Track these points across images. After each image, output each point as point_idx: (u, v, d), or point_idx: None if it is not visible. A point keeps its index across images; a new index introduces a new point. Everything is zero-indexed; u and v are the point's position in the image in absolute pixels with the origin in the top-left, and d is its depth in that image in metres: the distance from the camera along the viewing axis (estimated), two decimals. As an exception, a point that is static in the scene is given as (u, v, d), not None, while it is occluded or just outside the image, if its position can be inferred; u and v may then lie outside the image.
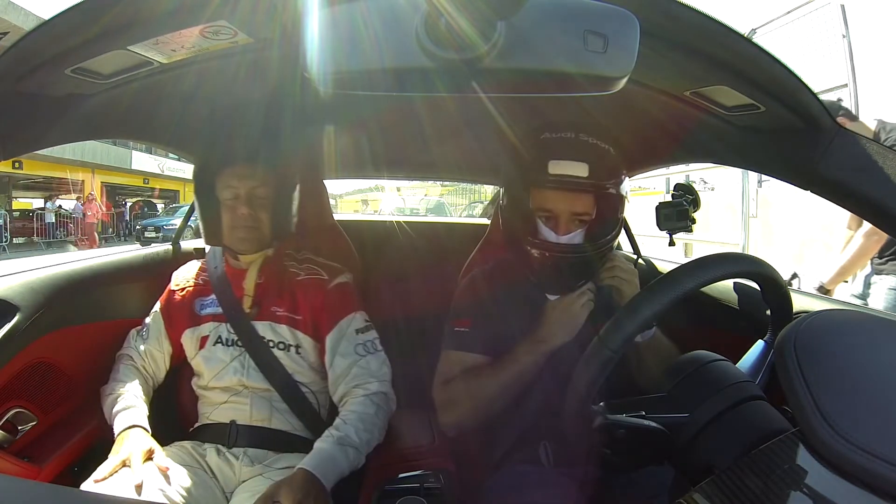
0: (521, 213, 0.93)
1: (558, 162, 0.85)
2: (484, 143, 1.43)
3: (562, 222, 0.89)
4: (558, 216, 0.89)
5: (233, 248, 1.04)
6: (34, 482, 0.74)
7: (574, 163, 0.85)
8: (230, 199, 1.00)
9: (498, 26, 0.41)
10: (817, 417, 0.44)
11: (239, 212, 0.99)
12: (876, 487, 0.40)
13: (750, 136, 0.74)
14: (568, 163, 0.85)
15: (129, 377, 1.02)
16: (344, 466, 0.86)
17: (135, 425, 0.92)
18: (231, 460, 0.96)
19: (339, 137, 1.44)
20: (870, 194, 0.60)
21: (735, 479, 0.48)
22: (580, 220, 0.90)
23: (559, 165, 0.85)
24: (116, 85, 0.68)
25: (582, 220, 0.90)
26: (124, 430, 0.90)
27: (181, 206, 16.55)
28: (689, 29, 0.56)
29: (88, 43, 0.57)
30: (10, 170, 13.42)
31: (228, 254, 1.08)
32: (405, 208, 9.94)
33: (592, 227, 0.91)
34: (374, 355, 1.03)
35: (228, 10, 0.56)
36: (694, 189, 1.17)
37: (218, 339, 1.03)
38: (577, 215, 0.89)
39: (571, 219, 0.90)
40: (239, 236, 1.01)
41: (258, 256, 1.06)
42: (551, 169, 0.85)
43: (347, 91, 0.45)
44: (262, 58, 0.73)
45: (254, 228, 1.01)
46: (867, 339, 0.52)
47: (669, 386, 0.63)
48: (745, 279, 0.71)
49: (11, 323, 0.82)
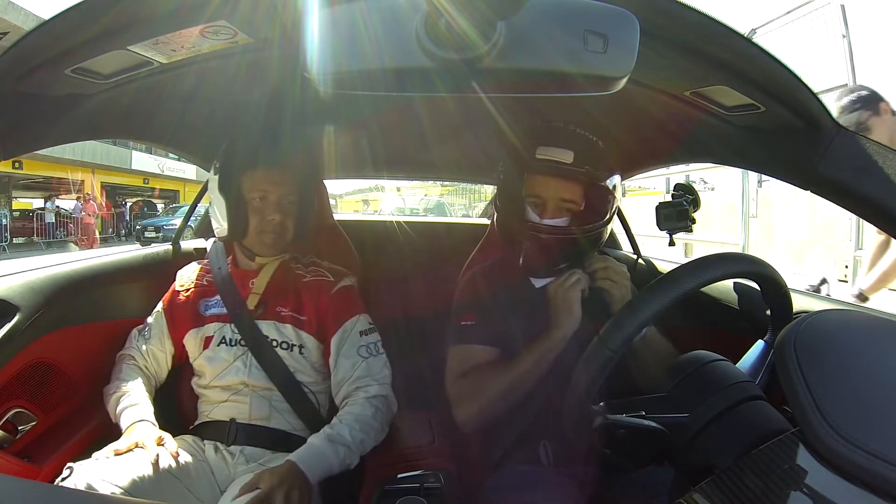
0: (513, 200, 0.97)
1: (546, 147, 0.90)
2: (484, 143, 1.43)
3: (549, 208, 0.93)
4: (546, 201, 0.93)
5: (254, 250, 1.04)
6: (34, 482, 0.74)
7: (560, 149, 0.90)
8: (259, 202, 1.01)
9: (498, 26, 0.41)
10: (817, 417, 0.44)
11: (269, 217, 1.00)
12: (876, 487, 0.40)
13: (750, 136, 0.74)
14: (555, 149, 0.90)
15: (131, 376, 1.02)
16: (333, 463, 0.87)
17: (143, 419, 0.92)
18: (227, 458, 0.97)
19: (339, 137, 1.44)
20: (870, 194, 0.60)
21: (735, 479, 0.48)
22: (567, 207, 0.94)
23: (547, 151, 0.90)
24: (116, 85, 0.68)
25: (569, 209, 0.94)
26: (132, 424, 0.91)
27: (181, 206, 16.55)
28: (689, 29, 0.56)
29: (88, 43, 0.57)
30: (10, 170, 13.41)
31: (242, 253, 1.08)
32: (405, 208, 9.95)
33: (579, 215, 0.95)
34: (376, 358, 1.04)
35: (228, 10, 0.56)
36: (694, 189, 1.17)
37: (222, 340, 1.03)
38: (565, 202, 0.93)
39: (559, 205, 0.93)
40: (266, 242, 1.02)
41: (275, 259, 1.07)
42: (539, 154, 0.90)
43: (347, 91, 0.45)
44: (262, 58, 0.73)
45: (280, 234, 1.02)
46: (867, 339, 0.52)
47: (669, 386, 0.63)
48: (745, 279, 0.71)
49: (11, 323, 0.82)
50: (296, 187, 1.03)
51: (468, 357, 0.98)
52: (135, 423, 0.91)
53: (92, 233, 13.82)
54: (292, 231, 1.04)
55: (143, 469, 0.81)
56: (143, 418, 0.92)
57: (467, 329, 0.99)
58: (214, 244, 1.16)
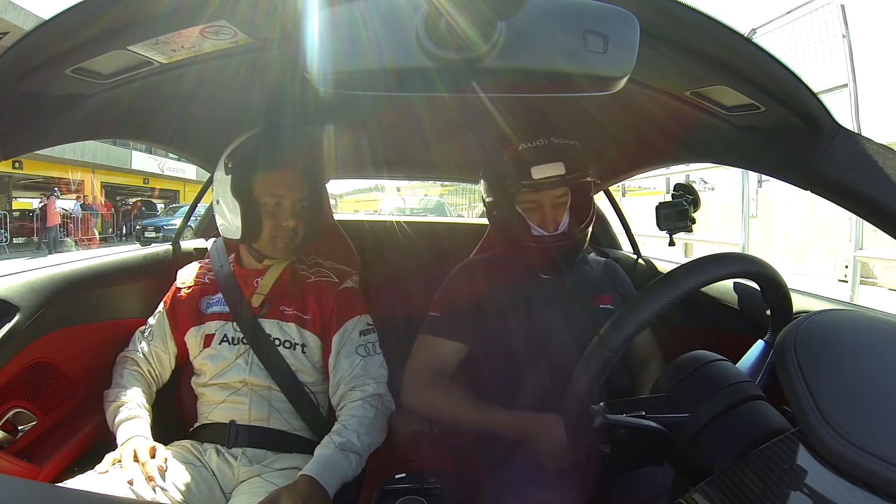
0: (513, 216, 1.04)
1: (540, 167, 0.98)
2: (484, 142, 1.43)
3: (547, 210, 1.01)
4: (543, 206, 1.02)
5: (265, 252, 1.04)
6: (34, 482, 0.74)
7: (553, 164, 0.98)
8: (273, 206, 1.00)
9: (498, 26, 0.41)
10: (817, 417, 0.44)
11: (284, 223, 1.00)
12: (876, 487, 0.40)
13: (750, 136, 0.74)
14: (547, 166, 0.98)
15: (132, 383, 1.01)
16: (347, 472, 0.86)
17: (137, 436, 0.91)
18: (230, 460, 0.96)
19: (339, 137, 1.44)
20: (870, 194, 0.60)
21: (735, 479, 0.48)
22: (560, 202, 1.02)
23: (541, 170, 0.98)
24: (116, 85, 0.68)
25: (562, 203, 1.02)
26: (126, 441, 0.90)
27: (181, 206, 16.55)
28: (689, 29, 0.56)
29: (88, 43, 0.57)
30: (10, 170, 13.43)
31: (249, 254, 1.08)
32: (405, 208, 9.97)
33: (573, 210, 1.03)
34: (374, 357, 1.04)
35: (228, 10, 0.56)
36: (694, 189, 1.17)
37: (224, 338, 1.03)
38: (558, 197, 1.02)
39: (555, 204, 1.01)
40: (279, 246, 1.02)
41: (283, 260, 1.07)
42: (535, 174, 0.98)
43: (347, 91, 0.45)
44: (262, 58, 0.73)
45: (293, 239, 1.02)
46: (867, 339, 0.52)
47: (669, 386, 0.63)
48: (745, 279, 0.71)
49: (11, 323, 0.82)
50: (308, 191, 1.03)
51: (428, 348, 1.06)
52: (128, 440, 0.90)
53: (89, 231, 13.81)
54: (302, 235, 1.04)
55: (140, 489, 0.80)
56: (138, 434, 0.91)
57: (433, 320, 1.08)
58: (215, 243, 1.16)
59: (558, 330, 1.00)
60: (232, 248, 1.13)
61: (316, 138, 1.14)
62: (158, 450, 0.88)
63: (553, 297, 1.05)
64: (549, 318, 1.03)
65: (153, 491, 0.81)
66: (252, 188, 0.99)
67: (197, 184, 13.11)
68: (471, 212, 14.96)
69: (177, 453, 0.93)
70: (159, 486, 0.83)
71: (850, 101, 3.86)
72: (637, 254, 1.60)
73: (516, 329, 1.02)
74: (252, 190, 0.99)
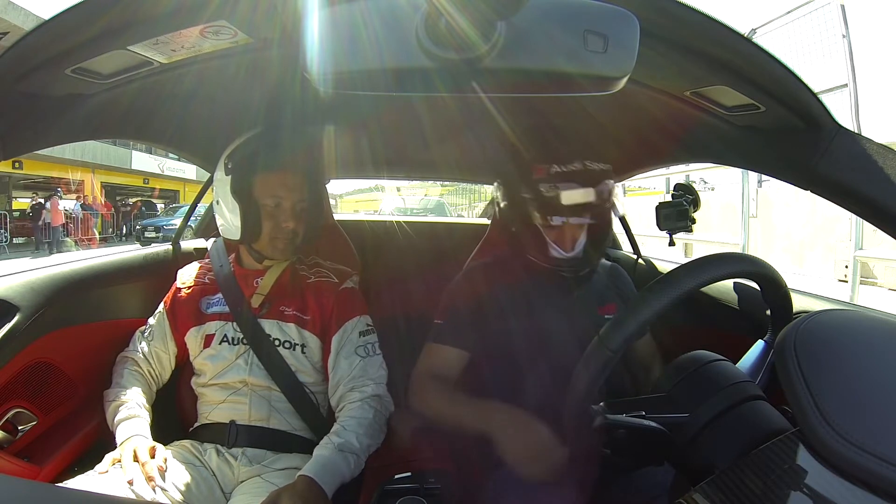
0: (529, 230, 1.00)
1: (571, 192, 0.94)
2: (484, 143, 1.43)
3: (566, 230, 0.97)
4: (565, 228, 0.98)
5: (264, 253, 1.05)
6: (34, 482, 0.74)
7: (584, 191, 0.94)
8: (273, 208, 1.00)
9: (498, 26, 0.41)
10: (817, 417, 0.44)
11: (284, 224, 1.00)
12: (876, 487, 0.40)
13: (750, 136, 0.74)
14: (579, 192, 0.94)
15: (132, 383, 1.01)
16: (345, 473, 0.86)
17: (137, 435, 0.91)
18: (230, 460, 0.96)
19: (339, 137, 1.44)
20: (870, 194, 0.60)
21: (735, 479, 0.48)
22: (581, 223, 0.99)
23: (571, 196, 0.94)
24: (116, 85, 0.68)
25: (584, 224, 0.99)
26: (126, 441, 0.90)
27: (181, 206, 16.55)
28: (689, 29, 0.56)
29: (88, 43, 0.57)
30: (10, 170, 13.43)
31: (249, 255, 1.08)
32: (405, 208, 9.98)
33: (592, 231, 0.99)
34: (373, 358, 1.04)
35: (228, 10, 0.56)
36: (694, 189, 1.17)
37: (224, 338, 1.03)
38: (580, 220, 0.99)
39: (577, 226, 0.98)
40: (279, 247, 1.02)
41: (283, 261, 1.07)
42: (565, 200, 0.94)
43: (347, 91, 0.45)
44: (262, 58, 0.73)
45: (292, 240, 1.02)
46: (867, 339, 0.52)
47: (669, 386, 0.63)
48: (745, 279, 0.71)
49: (11, 323, 0.82)
50: (308, 192, 1.03)
51: (432, 355, 1.04)
52: (127, 439, 0.90)
53: (88, 230, 13.82)
54: (302, 236, 1.04)
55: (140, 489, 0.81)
56: (137, 433, 0.91)
57: (437, 328, 1.06)
58: (215, 243, 1.16)
59: (559, 330, 1.00)
60: (232, 248, 1.13)
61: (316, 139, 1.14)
62: (158, 450, 0.89)
63: (554, 297, 1.05)
64: (550, 319, 1.02)
65: (153, 491, 0.82)
66: (252, 189, 0.99)
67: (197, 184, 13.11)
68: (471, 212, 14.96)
69: (177, 453, 0.93)
70: (159, 486, 0.83)
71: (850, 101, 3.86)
72: (637, 254, 1.60)
73: (517, 329, 1.01)
74: (252, 191, 0.99)
